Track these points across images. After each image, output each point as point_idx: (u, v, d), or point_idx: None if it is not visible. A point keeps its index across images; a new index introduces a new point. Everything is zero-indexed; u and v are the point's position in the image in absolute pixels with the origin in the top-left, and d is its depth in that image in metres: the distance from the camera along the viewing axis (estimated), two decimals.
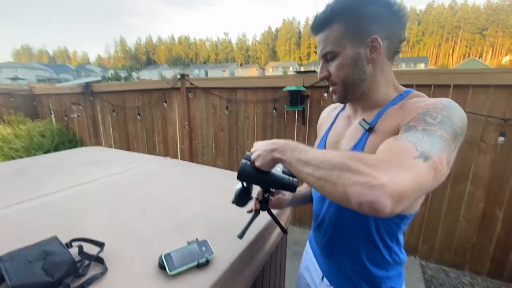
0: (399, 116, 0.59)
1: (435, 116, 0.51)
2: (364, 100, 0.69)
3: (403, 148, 0.46)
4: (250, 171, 0.68)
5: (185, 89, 3.15)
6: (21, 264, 0.65)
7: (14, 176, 1.45)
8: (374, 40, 0.62)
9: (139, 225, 0.95)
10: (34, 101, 5.13)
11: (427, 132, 0.48)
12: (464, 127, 0.52)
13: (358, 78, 0.65)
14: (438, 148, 0.46)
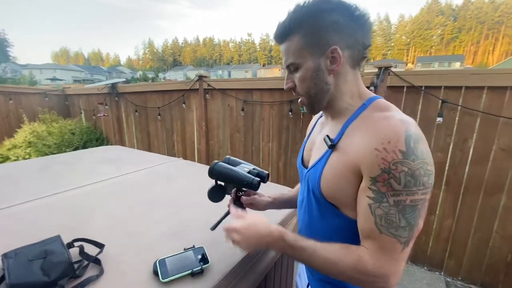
0: (359, 138, 0.58)
1: (398, 178, 0.51)
2: (331, 109, 0.68)
3: (390, 247, 0.53)
4: (218, 170, 0.79)
5: (202, 90, 3.19)
6: (22, 262, 0.67)
7: (37, 173, 1.54)
8: (333, 51, 0.60)
9: (142, 228, 0.95)
10: (66, 101, 5.49)
11: (398, 206, 0.52)
12: (430, 167, 0.53)
13: (320, 90, 0.64)
14: (414, 223, 0.52)
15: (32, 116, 4.91)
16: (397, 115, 0.57)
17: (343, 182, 0.59)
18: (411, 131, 0.52)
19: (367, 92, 0.67)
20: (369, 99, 0.64)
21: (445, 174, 2.05)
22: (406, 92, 2.08)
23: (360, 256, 0.55)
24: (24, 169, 1.62)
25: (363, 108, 0.63)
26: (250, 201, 0.86)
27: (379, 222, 0.53)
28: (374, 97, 0.65)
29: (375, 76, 2.06)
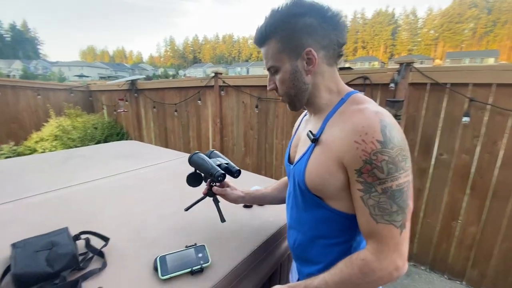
0: (338, 131, 0.61)
1: (381, 167, 0.54)
2: (312, 106, 0.71)
3: (388, 234, 0.56)
4: (194, 159, 0.89)
5: (218, 87, 3.19)
6: (29, 252, 0.70)
7: (58, 165, 1.61)
8: (308, 53, 0.63)
9: (148, 223, 0.96)
10: (90, 97, 5.74)
11: (387, 193, 0.54)
12: (406, 152, 0.56)
13: (299, 89, 0.67)
14: (405, 206, 0.56)
15: (59, 111, 5.18)
16: (371, 107, 0.60)
17: (326, 174, 0.62)
18: (385, 121, 0.56)
19: (345, 88, 0.69)
20: (347, 94, 0.67)
21: (471, 178, 1.91)
22: (429, 90, 1.95)
23: (363, 259, 0.58)
24: (45, 161, 1.70)
25: (342, 102, 0.66)
26: (221, 192, 0.93)
27: (373, 212, 0.56)
28: (352, 92, 0.68)
29: (396, 72, 1.96)
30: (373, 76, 2.08)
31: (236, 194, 0.95)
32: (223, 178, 0.86)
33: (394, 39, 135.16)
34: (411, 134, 2.04)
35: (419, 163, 2.06)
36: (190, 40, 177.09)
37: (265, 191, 1.00)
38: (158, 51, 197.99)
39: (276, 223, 0.99)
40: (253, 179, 1.46)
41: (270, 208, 1.10)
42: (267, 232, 0.93)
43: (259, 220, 1.00)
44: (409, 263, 2.22)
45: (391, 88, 1.95)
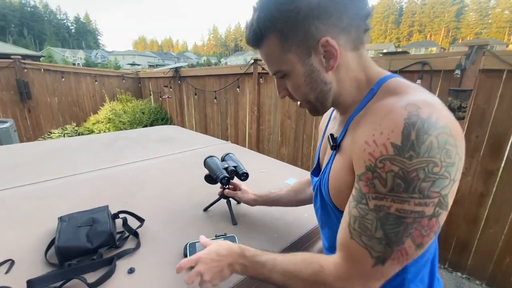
0: (358, 133, 0.47)
1: (384, 178, 0.39)
2: (339, 106, 0.56)
3: (359, 257, 0.44)
4: (206, 162, 0.96)
5: (257, 74, 3.13)
6: (72, 227, 0.74)
7: (106, 145, 1.73)
8: (325, 44, 0.47)
9: (181, 208, 0.97)
10: (139, 83, 6.15)
11: (379, 213, 0.40)
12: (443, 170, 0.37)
13: (320, 92, 0.53)
14: (396, 240, 0.40)
15: (112, 96, 5.66)
16: (407, 97, 0.43)
17: (343, 186, 0.50)
18: (416, 117, 0.38)
19: (376, 73, 0.52)
20: (378, 82, 0.50)
21: None
22: (506, 78, 1.63)
23: (322, 266, 0.48)
24: (96, 141, 1.84)
25: (371, 94, 0.50)
26: (232, 194, 0.92)
27: (352, 224, 0.45)
28: (385, 78, 0.50)
29: (464, 56, 1.67)
30: (434, 62, 1.81)
31: (247, 197, 0.92)
32: (227, 181, 0.88)
33: (458, 21, 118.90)
34: (477, 130, 1.75)
35: (486, 164, 1.76)
36: (232, 28, 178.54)
37: (279, 193, 0.91)
38: (202, 40, 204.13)
39: (312, 220, 0.91)
40: (288, 170, 1.40)
41: None
42: (300, 229, 0.87)
43: (293, 215, 0.94)
44: (461, 275, 1.97)
45: (456, 76, 1.67)
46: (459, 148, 0.39)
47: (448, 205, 0.39)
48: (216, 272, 0.55)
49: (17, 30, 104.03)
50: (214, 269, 0.55)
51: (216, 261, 0.55)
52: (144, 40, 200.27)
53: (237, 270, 0.56)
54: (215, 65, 37.32)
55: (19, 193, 1.03)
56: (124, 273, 0.66)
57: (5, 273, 0.65)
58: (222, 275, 0.55)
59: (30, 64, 4.75)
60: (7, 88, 4.55)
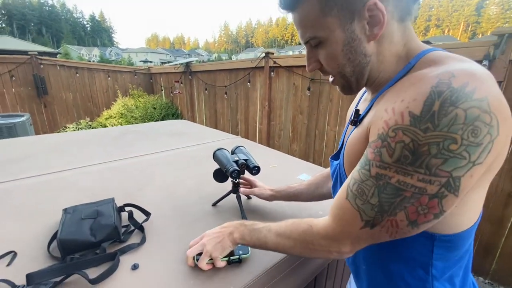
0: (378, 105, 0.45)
1: (393, 148, 0.37)
2: (372, 84, 0.50)
3: (349, 218, 0.44)
4: (215, 155, 0.89)
5: (268, 68, 3.07)
6: (76, 219, 0.71)
7: (115, 139, 1.72)
8: (371, 8, 0.42)
9: (188, 202, 0.93)
10: (151, 79, 6.20)
11: (379, 181, 0.39)
12: (461, 148, 0.33)
13: (358, 65, 0.47)
14: (388, 209, 0.39)
15: (124, 91, 5.73)
16: (451, 66, 0.37)
17: (358, 159, 0.46)
18: (446, 86, 0.33)
19: (417, 46, 0.46)
20: (417, 56, 0.44)
21: None
22: None
23: (311, 226, 0.50)
24: (106, 135, 1.84)
25: (407, 68, 0.44)
26: (249, 192, 0.90)
27: (350, 186, 0.44)
28: (425, 51, 0.44)
29: (492, 46, 1.54)
30: (458, 52, 1.68)
31: (264, 193, 0.88)
32: (237, 175, 0.83)
33: (478, 15, 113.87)
34: None
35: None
36: (243, 25, 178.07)
37: (299, 187, 0.86)
38: (213, 36, 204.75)
39: None
40: (301, 166, 1.33)
41: None
42: None
43: (306, 212, 0.88)
44: (484, 280, 1.86)
45: (483, 66, 1.56)
46: (496, 128, 0.33)
47: (461, 189, 0.35)
48: (218, 243, 0.60)
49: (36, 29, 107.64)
50: (216, 239, 0.61)
51: (217, 232, 0.62)
52: (156, 37, 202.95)
53: (236, 239, 0.60)
54: None
55: (27, 184, 1.02)
56: (127, 269, 0.62)
57: (6, 265, 0.62)
58: (223, 245, 0.60)
59: (46, 60, 4.86)
60: (25, 83, 4.67)
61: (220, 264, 0.61)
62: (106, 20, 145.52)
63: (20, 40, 20.06)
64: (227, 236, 0.60)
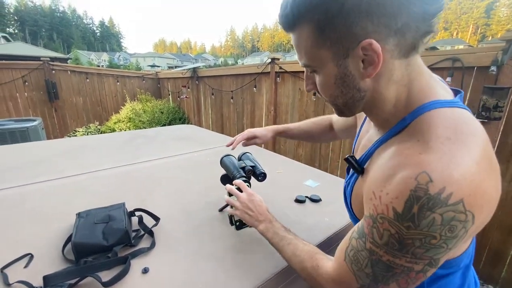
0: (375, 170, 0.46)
1: (381, 233, 0.40)
2: (371, 115, 0.52)
3: (347, 279, 0.47)
4: (222, 161, 0.92)
5: (274, 73, 3.09)
6: (89, 223, 0.74)
7: (124, 144, 1.76)
8: (367, 48, 0.39)
9: (196, 207, 0.95)
10: (158, 84, 6.29)
11: (372, 256, 0.42)
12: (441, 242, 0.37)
13: (351, 98, 0.47)
14: (381, 280, 0.42)
15: (133, 96, 5.83)
16: (433, 157, 0.36)
17: None
18: (423, 192, 0.35)
19: (419, 93, 0.43)
20: (414, 112, 0.43)
21: None
22: None
23: (319, 266, 0.54)
24: (115, 139, 1.88)
25: (401, 126, 0.44)
26: (252, 143, 0.99)
27: (348, 251, 0.47)
28: (426, 106, 0.42)
29: (500, 51, 1.54)
30: (466, 58, 1.68)
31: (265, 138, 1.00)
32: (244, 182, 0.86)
33: (488, 18, 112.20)
34: None
35: None
36: (249, 29, 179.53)
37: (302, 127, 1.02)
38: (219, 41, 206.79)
39: (333, 224, 0.86)
40: (307, 171, 1.34)
41: (327, 205, 0.98)
42: (322, 233, 0.82)
43: (313, 219, 0.89)
44: None
45: (491, 72, 1.55)
46: (471, 221, 0.36)
47: (439, 263, 0.40)
48: (246, 215, 0.71)
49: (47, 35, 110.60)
50: (247, 214, 0.71)
51: (250, 210, 0.71)
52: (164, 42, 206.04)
53: (260, 229, 0.68)
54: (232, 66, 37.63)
55: (41, 188, 1.06)
56: (138, 272, 0.64)
57: (24, 267, 0.65)
58: (247, 220, 0.71)
59: (57, 65, 5.00)
60: (37, 88, 4.81)
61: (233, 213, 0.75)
62: (115, 26, 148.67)
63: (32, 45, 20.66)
64: (255, 220, 0.69)
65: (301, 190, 1.08)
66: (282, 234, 0.64)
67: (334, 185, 1.16)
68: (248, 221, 0.71)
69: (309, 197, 1.01)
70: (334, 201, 1.00)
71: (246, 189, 0.75)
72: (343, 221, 0.88)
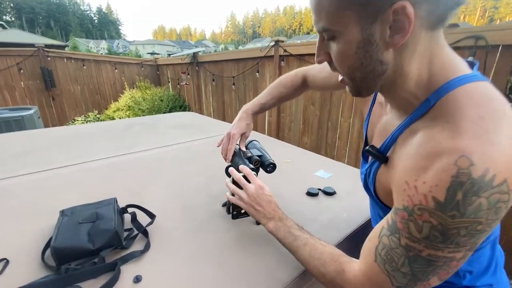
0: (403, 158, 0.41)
1: (420, 226, 0.36)
2: (388, 95, 0.47)
3: (379, 282, 0.42)
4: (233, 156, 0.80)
5: (278, 57, 2.93)
6: (72, 223, 0.64)
7: (121, 132, 1.65)
8: (398, 11, 0.35)
9: (197, 201, 0.85)
10: (157, 71, 6.12)
11: (409, 252, 0.38)
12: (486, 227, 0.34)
13: (371, 72, 0.41)
14: (422, 278, 0.39)
15: (132, 83, 5.68)
16: (468, 139, 0.33)
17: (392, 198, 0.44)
18: (466, 177, 0.32)
19: (441, 70, 0.40)
20: (438, 91, 0.39)
21: None
22: None
23: (344, 271, 0.48)
24: (112, 128, 1.77)
25: (425, 108, 0.40)
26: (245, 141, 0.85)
27: (379, 250, 0.43)
28: (450, 83, 0.38)
29: None
30: (490, 35, 1.53)
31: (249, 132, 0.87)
32: None
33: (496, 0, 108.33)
34: None
35: None
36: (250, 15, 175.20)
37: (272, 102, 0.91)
38: (220, 27, 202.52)
39: (352, 221, 0.76)
40: (317, 161, 1.23)
41: (342, 199, 0.87)
42: (340, 231, 0.72)
43: (327, 216, 0.79)
44: None
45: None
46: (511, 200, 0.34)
47: (478, 245, 0.38)
48: (253, 210, 0.63)
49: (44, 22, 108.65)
50: (253, 209, 0.62)
51: (258, 205, 0.62)
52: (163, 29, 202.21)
53: (268, 227, 0.60)
54: None
55: (26, 182, 0.96)
56: (129, 281, 0.55)
57: None
58: (254, 215, 0.63)
59: (53, 52, 4.82)
60: (33, 76, 4.67)
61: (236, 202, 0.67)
62: (113, 13, 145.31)
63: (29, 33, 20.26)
64: (263, 216, 0.62)
65: (312, 181, 0.98)
66: (296, 233, 0.57)
67: (348, 176, 1.05)
68: (254, 217, 0.64)
69: (322, 189, 0.91)
70: (350, 194, 0.90)
71: (255, 179, 0.66)
72: (363, 216, 0.78)
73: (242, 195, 0.65)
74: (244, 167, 0.68)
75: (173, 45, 77.52)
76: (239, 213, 0.73)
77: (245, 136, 0.84)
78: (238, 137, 0.82)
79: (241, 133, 0.83)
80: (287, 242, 0.57)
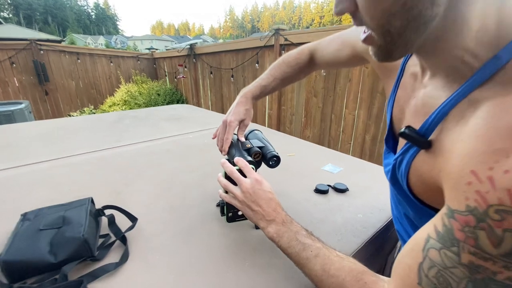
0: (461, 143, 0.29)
1: (500, 237, 0.25)
2: (429, 58, 0.36)
3: None
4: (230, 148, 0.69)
5: (278, 46, 2.80)
6: (32, 230, 0.52)
7: (110, 125, 1.53)
8: None
9: (190, 202, 0.74)
10: (154, 64, 5.96)
11: (475, 274, 0.27)
12: None
13: (416, 17, 0.28)
14: None
15: (128, 77, 5.54)
16: None
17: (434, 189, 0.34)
18: None
19: None
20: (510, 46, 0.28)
21: None
22: None
23: None
24: (101, 120, 1.65)
25: (494, 66, 0.29)
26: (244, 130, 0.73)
27: (424, 268, 0.31)
28: None
29: None
30: None
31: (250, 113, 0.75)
32: None
33: None
34: None
35: None
36: (249, 9, 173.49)
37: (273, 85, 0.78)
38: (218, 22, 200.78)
39: (369, 223, 0.65)
40: (323, 154, 1.12)
41: (356, 196, 0.76)
42: (356, 236, 0.61)
43: (341, 216, 0.68)
44: None
45: None
46: None
47: None
48: (250, 212, 0.52)
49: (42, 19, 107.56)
50: (248, 210, 0.52)
51: (255, 204, 0.51)
52: (161, 24, 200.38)
53: (269, 233, 0.49)
54: None
55: None
56: None
57: None
58: (251, 218, 0.52)
59: (46, 45, 4.67)
60: (26, 71, 4.53)
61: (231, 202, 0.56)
62: (110, 8, 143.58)
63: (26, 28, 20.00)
64: (260, 219, 0.50)
65: (320, 177, 0.87)
66: (304, 240, 0.45)
67: (360, 170, 0.94)
68: (251, 219, 0.52)
69: (333, 186, 0.79)
70: (365, 191, 0.79)
71: (251, 173, 0.55)
72: (382, 216, 0.67)
73: (236, 192, 0.53)
74: (239, 158, 0.56)
75: (172, 40, 76.84)
76: (235, 214, 0.61)
77: (244, 124, 0.72)
78: (236, 124, 0.70)
79: (240, 120, 0.71)
80: (293, 252, 0.46)
